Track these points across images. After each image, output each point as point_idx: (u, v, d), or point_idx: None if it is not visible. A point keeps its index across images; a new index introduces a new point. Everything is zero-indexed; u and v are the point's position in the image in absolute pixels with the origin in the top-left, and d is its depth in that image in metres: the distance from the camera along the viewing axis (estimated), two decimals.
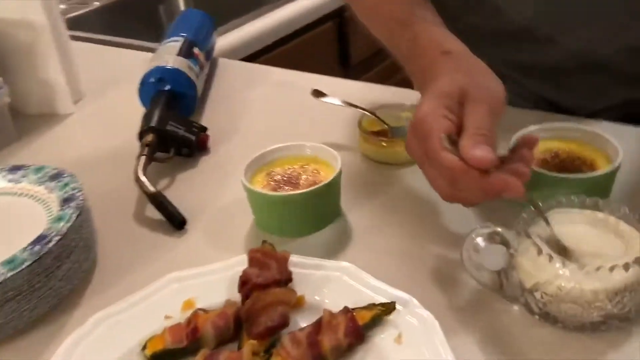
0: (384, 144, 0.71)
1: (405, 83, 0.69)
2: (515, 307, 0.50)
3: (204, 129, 0.79)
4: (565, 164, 0.62)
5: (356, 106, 0.75)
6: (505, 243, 0.49)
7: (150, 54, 0.91)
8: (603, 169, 0.60)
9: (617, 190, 0.60)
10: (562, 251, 0.48)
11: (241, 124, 0.84)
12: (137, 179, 0.67)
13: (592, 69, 0.75)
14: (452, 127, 0.50)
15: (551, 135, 0.64)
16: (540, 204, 0.50)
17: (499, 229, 0.49)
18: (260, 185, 0.63)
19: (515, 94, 0.81)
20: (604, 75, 0.75)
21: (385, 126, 0.73)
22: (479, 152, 0.47)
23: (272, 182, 0.63)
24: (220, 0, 1.53)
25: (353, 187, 0.67)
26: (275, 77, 0.97)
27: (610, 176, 0.58)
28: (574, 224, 0.51)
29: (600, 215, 0.51)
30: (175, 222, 0.64)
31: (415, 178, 0.69)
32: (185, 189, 0.71)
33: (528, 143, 0.52)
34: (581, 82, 0.76)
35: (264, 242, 0.55)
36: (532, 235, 0.48)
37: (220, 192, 0.70)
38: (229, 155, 0.77)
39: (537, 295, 0.47)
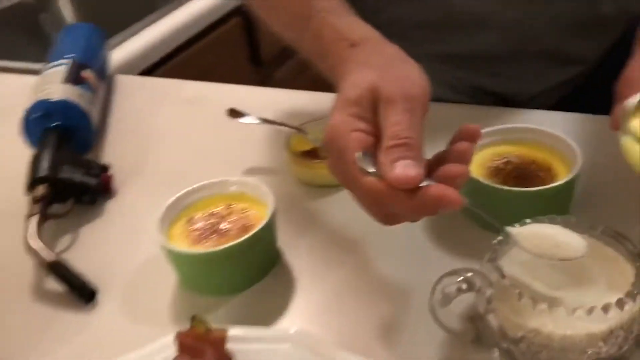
0: (317, 166, 0.62)
1: (317, 82, 0.61)
2: (495, 354, 0.44)
3: (105, 168, 0.67)
4: (520, 170, 0.56)
5: (280, 124, 0.66)
6: (478, 287, 0.42)
7: (34, 78, 0.77)
8: (560, 171, 0.55)
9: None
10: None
11: (149, 155, 0.73)
12: (29, 248, 0.55)
13: (524, 52, 0.71)
14: (367, 139, 0.42)
15: (498, 139, 0.58)
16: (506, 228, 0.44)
17: (469, 274, 0.42)
18: (179, 239, 0.53)
19: (448, 86, 0.75)
20: (537, 58, 0.72)
21: (317, 144, 0.64)
22: (399, 171, 0.39)
23: (193, 233, 0.53)
24: (108, 8, 1.39)
25: (290, 220, 0.59)
26: (183, 92, 0.86)
27: (573, 182, 0.53)
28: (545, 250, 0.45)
29: (573, 235, 0.45)
30: (84, 294, 0.53)
31: None
32: (92, 247, 0.60)
33: (468, 135, 0.43)
34: (514, 67, 0.73)
35: (194, 318, 0.45)
36: (507, 276, 0.41)
37: (133, 245, 0.59)
38: (139, 197, 0.66)
39: (523, 346, 0.41)
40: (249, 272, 0.52)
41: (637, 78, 0.45)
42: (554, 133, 0.57)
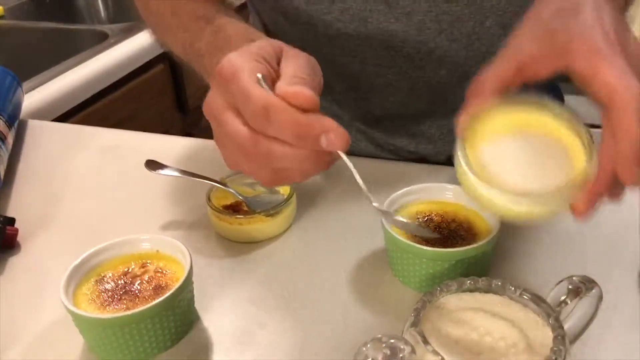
0: (240, 222, 0.60)
1: None
2: None
3: (11, 220, 0.63)
4: (442, 228, 0.56)
5: (201, 177, 0.64)
6: (401, 355, 0.41)
7: None
8: (480, 229, 0.56)
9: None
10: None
11: (60, 207, 0.68)
12: None
13: (436, 112, 0.72)
14: (268, 70, 0.42)
15: (420, 198, 0.59)
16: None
17: (392, 341, 0.41)
18: (87, 301, 0.49)
19: (374, 145, 0.76)
20: (450, 117, 0.73)
21: (239, 198, 0.63)
22: (298, 87, 0.40)
23: (103, 294, 0.50)
24: (26, 49, 1.34)
25: (208, 278, 0.56)
26: (99, 140, 0.83)
27: (492, 242, 0.53)
28: (466, 311, 0.45)
29: (493, 299, 0.45)
30: None
31: (283, 254, 0.59)
32: None
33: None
34: (429, 127, 0.74)
35: None
36: (429, 343, 0.40)
37: (38, 306, 0.55)
38: (46, 253, 0.61)
39: None
40: (163, 337, 0.49)
41: (489, 77, 0.44)
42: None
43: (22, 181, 0.73)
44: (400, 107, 0.71)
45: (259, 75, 0.41)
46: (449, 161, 0.76)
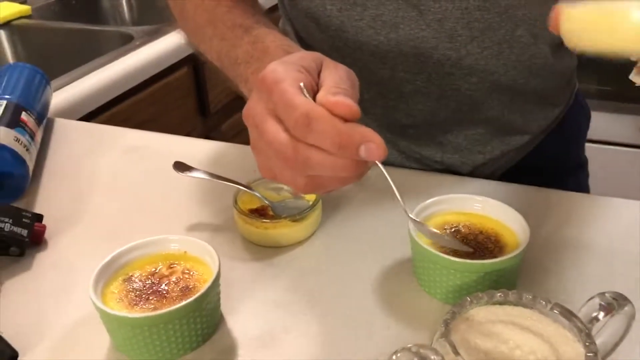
0: (267, 226, 0.60)
1: None
2: None
3: (39, 217, 0.63)
4: (469, 240, 0.56)
5: (229, 180, 0.64)
6: None
7: None
8: (507, 241, 0.55)
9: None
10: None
11: (87, 205, 0.69)
12: None
13: (466, 120, 0.72)
14: (309, 81, 0.43)
15: (447, 208, 0.59)
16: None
17: (422, 350, 0.40)
18: (116, 299, 0.49)
19: (398, 153, 0.76)
20: (480, 127, 0.74)
21: (266, 202, 0.63)
22: (341, 97, 0.40)
23: (131, 293, 0.50)
24: (53, 49, 1.36)
25: (234, 282, 0.56)
26: (125, 140, 0.83)
27: (521, 255, 0.53)
28: (496, 324, 0.44)
29: (523, 312, 0.45)
30: (2, 358, 0.48)
31: (308, 259, 0.59)
32: (16, 304, 0.55)
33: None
34: (458, 136, 0.74)
35: None
36: (460, 354, 0.40)
37: (63, 303, 0.55)
38: (73, 250, 0.62)
39: None
40: (189, 338, 0.49)
41: None
42: (501, 204, 0.57)
43: (49, 178, 0.74)
44: (428, 115, 0.71)
45: (301, 84, 0.41)
46: (474, 172, 0.76)
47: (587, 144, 0.87)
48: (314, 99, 0.41)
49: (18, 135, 0.69)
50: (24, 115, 0.73)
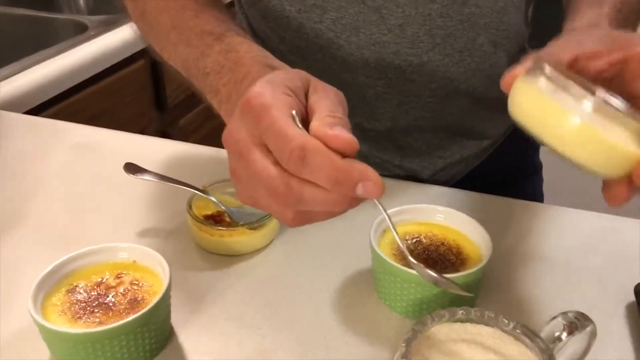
0: (222, 234, 0.58)
1: (221, 130, 0.56)
2: None
3: None
4: (430, 252, 0.55)
5: (183, 184, 0.61)
6: None
7: None
8: (469, 253, 0.54)
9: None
10: None
11: (31, 207, 0.65)
12: None
13: (425, 126, 0.72)
14: (300, 106, 0.39)
15: (409, 218, 0.57)
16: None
17: None
18: (57, 312, 0.46)
19: (359, 158, 0.74)
20: (440, 132, 0.73)
21: (222, 208, 0.60)
22: (339, 130, 0.37)
23: (74, 306, 0.47)
24: (0, 37, 1.29)
25: (186, 293, 0.54)
26: (76, 136, 0.79)
27: (482, 270, 0.52)
28: (457, 343, 0.43)
29: (485, 331, 0.43)
30: None
31: (265, 269, 0.57)
32: None
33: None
34: (418, 141, 0.73)
35: None
36: None
37: (2, 315, 0.51)
38: (15, 256, 0.58)
39: None
40: (136, 354, 0.46)
41: (547, 53, 0.42)
42: (464, 215, 0.56)
43: None
44: (388, 120, 0.70)
45: (293, 112, 0.38)
46: (434, 176, 0.75)
47: (542, 148, 0.88)
48: (303, 125, 0.38)
49: None
50: None
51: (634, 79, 0.40)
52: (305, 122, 0.38)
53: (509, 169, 0.81)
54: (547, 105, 0.36)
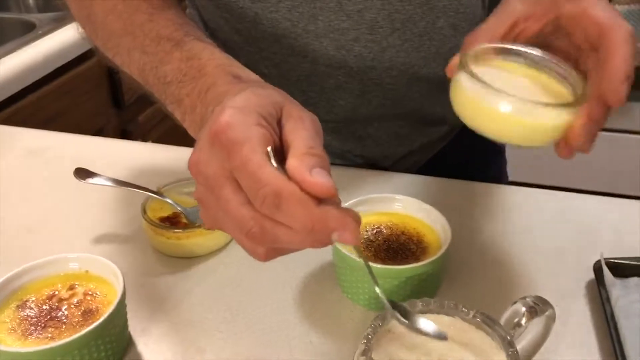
0: (179, 236, 0.56)
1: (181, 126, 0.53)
2: None
3: None
4: (391, 242, 0.54)
5: (136, 187, 0.60)
6: None
7: None
8: (429, 241, 0.54)
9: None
10: None
11: None
12: None
13: (384, 114, 0.71)
14: (274, 140, 0.37)
15: (369, 209, 0.57)
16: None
17: None
18: (7, 330, 0.45)
19: None
20: (398, 119, 0.72)
21: (178, 209, 0.59)
22: (319, 177, 0.35)
23: (25, 322, 0.45)
24: None
25: (143, 299, 0.52)
26: (25, 141, 0.77)
27: (442, 259, 0.52)
28: (419, 336, 0.43)
29: (445, 320, 0.43)
30: None
31: (225, 270, 0.56)
32: None
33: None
34: (377, 129, 0.72)
35: None
36: None
37: None
38: None
39: None
40: None
41: (484, 29, 0.44)
42: (422, 203, 0.56)
43: None
44: (349, 111, 0.69)
45: (268, 149, 0.35)
46: (395, 165, 0.74)
47: None
48: (277, 155, 0.36)
49: None
50: None
51: (566, 35, 0.42)
52: (279, 153, 0.36)
53: (471, 152, 0.81)
54: (471, 104, 0.40)
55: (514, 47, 0.42)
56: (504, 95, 0.38)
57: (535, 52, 0.42)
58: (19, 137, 0.78)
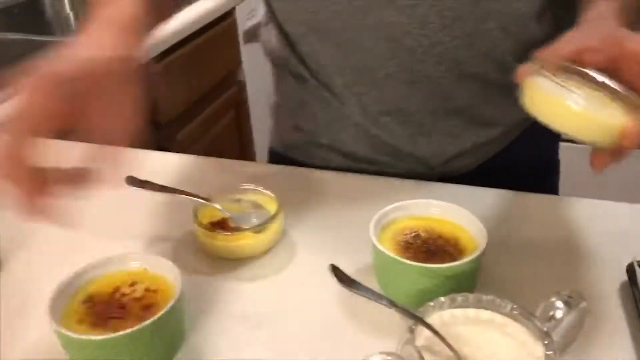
0: (229, 239, 0.60)
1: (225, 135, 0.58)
2: None
3: None
4: (428, 245, 0.57)
5: (187, 194, 0.64)
6: None
7: None
8: (466, 245, 0.57)
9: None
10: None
11: (41, 225, 0.67)
12: None
13: (437, 110, 0.73)
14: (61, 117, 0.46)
15: (406, 214, 0.59)
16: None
17: (390, 358, 0.41)
18: (75, 321, 0.48)
19: (369, 146, 0.76)
20: (451, 117, 0.74)
21: (226, 214, 0.62)
22: None
23: (91, 314, 0.49)
24: None
25: (196, 295, 0.56)
26: (73, 154, 0.81)
27: (479, 258, 0.54)
28: (458, 327, 0.45)
29: (484, 314, 0.46)
30: None
31: (272, 271, 0.59)
32: None
33: None
34: (428, 126, 0.74)
35: None
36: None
37: (22, 325, 0.53)
38: (27, 272, 0.60)
39: None
40: (155, 357, 0.48)
41: (553, 48, 0.50)
42: (458, 207, 0.59)
43: None
44: (399, 99, 0.71)
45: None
46: (444, 165, 0.76)
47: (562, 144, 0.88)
48: None
49: None
50: None
51: (627, 73, 0.46)
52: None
53: (523, 166, 0.81)
54: (548, 100, 0.47)
55: (579, 68, 0.47)
56: (575, 95, 0.45)
57: (597, 75, 0.47)
58: (70, 150, 0.83)
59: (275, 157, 0.85)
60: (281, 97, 0.82)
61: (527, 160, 0.81)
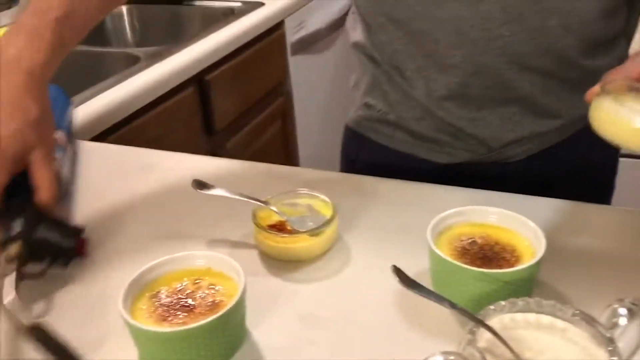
0: (286, 241, 0.62)
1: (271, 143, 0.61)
2: None
3: (81, 230, 0.64)
4: (485, 251, 0.57)
5: (247, 197, 0.66)
6: None
7: None
8: (523, 251, 0.57)
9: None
10: None
11: (114, 226, 0.70)
12: (5, 310, 0.51)
13: (497, 97, 0.76)
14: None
15: (465, 220, 0.60)
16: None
17: (452, 357, 0.42)
18: (145, 315, 0.51)
19: (434, 126, 0.80)
20: (511, 105, 0.76)
21: (284, 217, 0.64)
22: None
23: (159, 309, 0.51)
24: (59, 72, 1.37)
25: (256, 294, 0.57)
26: (140, 160, 0.85)
27: (538, 264, 0.54)
28: (519, 331, 0.46)
29: (545, 319, 0.46)
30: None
31: (328, 273, 0.61)
32: (61, 314, 0.57)
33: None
34: (489, 110, 0.77)
35: None
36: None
37: (99, 316, 0.56)
38: (104, 269, 0.63)
39: None
40: (218, 351, 0.50)
41: (621, 69, 0.54)
42: (516, 215, 0.59)
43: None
44: (463, 86, 0.74)
45: None
46: (504, 151, 0.78)
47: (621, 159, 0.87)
48: None
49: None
50: (56, 133, 0.74)
51: None
52: None
53: (582, 161, 0.82)
54: (613, 119, 0.51)
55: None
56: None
57: None
58: (133, 155, 0.87)
59: (348, 133, 0.92)
60: (358, 77, 0.88)
61: (586, 156, 0.81)
